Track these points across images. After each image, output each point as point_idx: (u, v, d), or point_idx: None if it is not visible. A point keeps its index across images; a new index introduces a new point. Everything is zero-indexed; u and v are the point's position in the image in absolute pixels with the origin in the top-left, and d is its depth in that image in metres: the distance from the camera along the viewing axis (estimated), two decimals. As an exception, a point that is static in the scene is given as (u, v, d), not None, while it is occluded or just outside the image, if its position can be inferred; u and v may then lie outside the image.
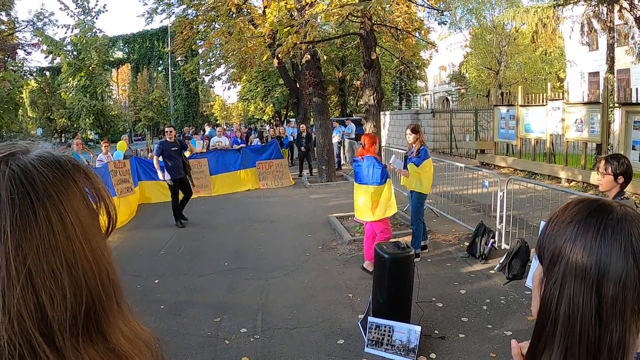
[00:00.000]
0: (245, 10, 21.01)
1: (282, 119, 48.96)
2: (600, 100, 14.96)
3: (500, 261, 8.13)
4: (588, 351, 1.00)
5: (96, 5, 31.35)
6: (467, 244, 9.22)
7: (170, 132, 12.68)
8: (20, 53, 38.16)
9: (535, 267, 1.21)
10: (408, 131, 9.08)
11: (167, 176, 12.32)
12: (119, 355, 0.74)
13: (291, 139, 25.03)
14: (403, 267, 5.87)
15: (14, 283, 0.63)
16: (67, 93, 30.93)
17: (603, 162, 4.69)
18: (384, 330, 5.47)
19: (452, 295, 7.29)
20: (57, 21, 40.96)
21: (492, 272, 8.11)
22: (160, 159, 12.16)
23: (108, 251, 0.78)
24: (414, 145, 8.96)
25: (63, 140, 40.41)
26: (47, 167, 0.72)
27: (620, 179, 4.56)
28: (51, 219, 0.67)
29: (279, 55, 11.31)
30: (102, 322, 0.72)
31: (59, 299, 0.66)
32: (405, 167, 9.17)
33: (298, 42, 10.26)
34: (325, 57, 20.34)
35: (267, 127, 37.92)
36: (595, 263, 1.01)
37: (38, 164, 0.71)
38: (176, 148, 12.43)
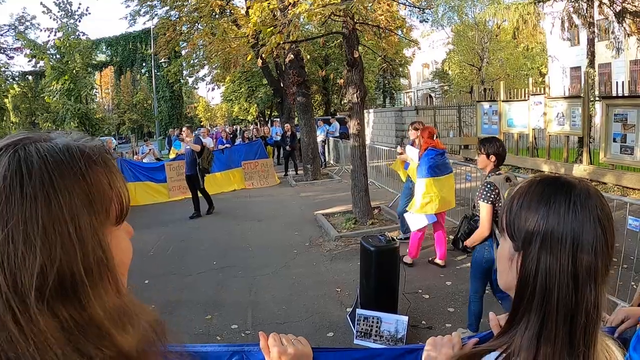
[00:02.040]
0: (229, 11, 21.04)
1: (267, 119, 48.93)
2: (581, 94, 15.15)
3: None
4: (565, 314, 1.11)
5: (79, 8, 31.10)
6: (451, 237, 9.35)
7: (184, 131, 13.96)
8: (2, 57, 37.90)
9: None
10: (411, 129, 9.29)
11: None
12: (98, 326, 0.82)
13: (276, 138, 25.10)
14: (389, 259, 5.98)
15: None
16: (51, 97, 30.70)
17: (478, 143, 5.74)
18: (372, 322, 5.58)
19: (438, 286, 7.43)
20: (39, 25, 40.47)
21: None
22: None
23: (106, 235, 0.87)
24: (416, 141, 9.08)
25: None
26: (52, 154, 0.82)
27: (492, 158, 5.43)
28: (37, 197, 0.77)
29: (263, 56, 11.38)
30: (82, 295, 0.80)
31: (29, 263, 0.75)
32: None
33: (281, 42, 10.33)
34: (308, 57, 20.41)
35: (251, 127, 37.91)
36: (570, 236, 1.12)
37: (44, 150, 0.82)
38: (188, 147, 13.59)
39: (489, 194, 5.15)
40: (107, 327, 0.83)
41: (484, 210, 5.17)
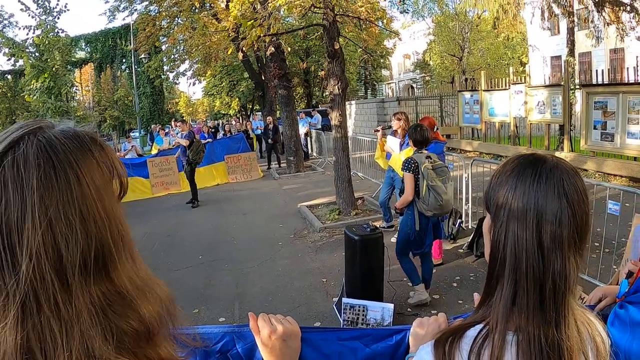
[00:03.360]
0: (209, 4, 20.96)
1: (248, 113, 48.86)
2: (562, 83, 15.30)
3: (468, 240, 8.36)
4: (534, 281, 1.18)
5: (57, 4, 30.83)
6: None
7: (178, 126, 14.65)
8: (-22, 57, 37.45)
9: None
10: (394, 119, 9.26)
11: None
12: (123, 296, 0.87)
13: (258, 132, 25.09)
14: (373, 248, 6.04)
15: (37, 229, 0.77)
16: (31, 95, 30.43)
17: None
18: (358, 310, 5.62)
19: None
20: (17, 23, 40.08)
21: (461, 250, 8.35)
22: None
23: (120, 211, 0.92)
24: (398, 131, 9.08)
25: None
26: (68, 138, 0.86)
27: (411, 143, 6.50)
28: (70, 179, 0.82)
29: (244, 49, 11.37)
30: (110, 267, 0.86)
31: (73, 243, 0.80)
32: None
33: (262, 35, 10.34)
34: (289, 49, 20.38)
35: (233, 121, 37.80)
36: (534, 206, 1.19)
37: (61, 136, 0.86)
38: None
39: (409, 166, 6.20)
40: (132, 296, 0.88)
41: (407, 179, 6.19)
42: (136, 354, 0.86)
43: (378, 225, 7.05)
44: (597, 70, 14.67)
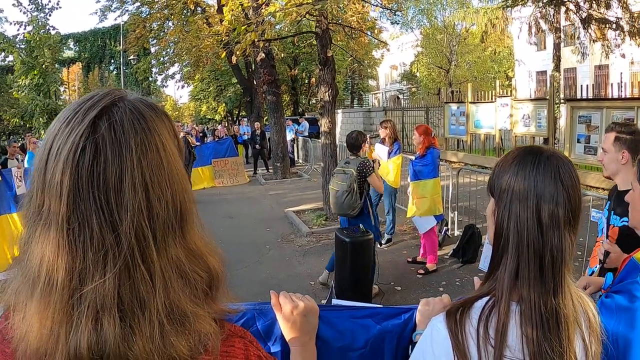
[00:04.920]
0: (201, 8, 21.06)
1: (235, 118, 48.81)
2: (547, 97, 15.56)
3: (454, 247, 8.52)
4: (535, 254, 1.34)
5: (49, 1, 30.78)
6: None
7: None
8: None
9: (486, 247, 1.53)
10: (381, 127, 9.40)
11: None
12: (196, 253, 0.97)
13: (245, 137, 25.16)
14: (363, 251, 6.16)
15: (137, 188, 0.87)
16: (20, 92, 30.26)
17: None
18: (347, 311, 5.74)
19: (410, 279, 7.64)
20: (6, 18, 39.74)
21: (447, 257, 8.50)
22: None
23: (186, 177, 1.01)
24: (386, 139, 9.21)
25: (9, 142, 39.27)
26: (148, 107, 0.96)
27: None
28: (157, 144, 0.92)
29: (237, 53, 11.49)
30: (185, 226, 0.96)
31: (164, 202, 0.90)
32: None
33: (256, 40, 10.47)
34: (282, 55, 20.51)
35: (219, 126, 37.77)
36: (534, 189, 1.36)
37: (143, 105, 0.96)
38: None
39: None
40: (203, 251, 0.99)
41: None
42: (204, 305, 0.96)
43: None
44: (581, 86, 14.96)
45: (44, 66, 29.44)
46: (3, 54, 30.94)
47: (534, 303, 1.31)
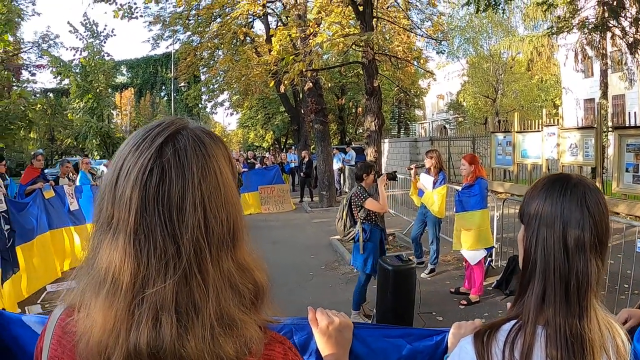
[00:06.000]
0: (250, 38, 21.41)
1: (282, 146, 49.22)
2: (595, 125, 15.39)
3: (498, 278, 8.48)
4: (561, 279, 1.42)
5: (104, 29, 31.84)
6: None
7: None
8: (25, 74, 38.36)
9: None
10: (427, 157, 9.49)
11: None
12: (245, 267, 1.10)
13: (292, 165, 25.37)
14: (406, 279, 6.21)
15: (197, 207, 1.00)
16: (75, 114, 31.15)
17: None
18: (388, 339, 5.77)
19: (452, 309, 7.62)
20: (62, 43, 41.10)
21: (490, 288, 8.45)
22: None
23: (239, 199, 1.15)
24: (431, 169, 9.31)
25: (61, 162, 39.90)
26: (207, 135, 1.10)
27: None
28: (215, 169, 1.05)
29: (285, 82, 11.69)
30: (236, 244, 1.09)
31: (219, 221, 1.03)
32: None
33: (304, 70, 10.66)
34: (329, 85, 20.68)
35: (267, 154, 38.18)
36: (560, 215, 1.44)
37: (202, 133, 1.10)
38: None
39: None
40: (251, 266, 1.12)
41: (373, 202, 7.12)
42: (250, 314, 1.08)
43: (410, 256, 7.19)
44: (630, 113, 14.76)
45: (98, 90, 30.35)
46: (60, 77, 31.96)
47: (559, 327, 1.38)
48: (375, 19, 11.67)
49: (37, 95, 39.97)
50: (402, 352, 1.92)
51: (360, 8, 10.61)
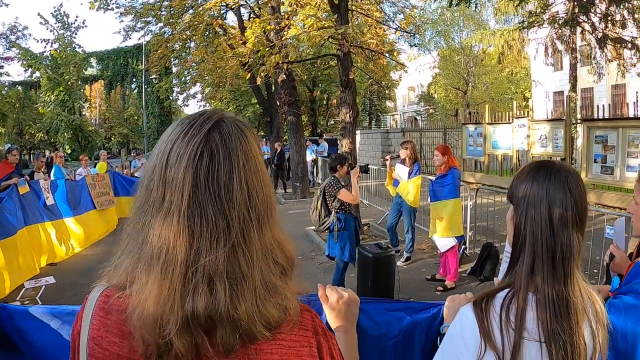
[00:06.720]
0: (222, 29, 21.28)
1: (254, 138, 48.92)
2: (564, 117, 15.69)
3: (472, 265, 8.67)
4: (547, 251, 1.60)
5: (76, 20, 31.45)
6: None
7: None
8: (-6, 66, 37.68)
9: (504, 266, 1.80)
10: (402, 148, 9.62)
11: None
12: (278, 241, 1.22)
13: (265, 157, 25.33)
14: (385, 266, 6.36)
15: (243, 187, 1.12)
16: (45, 107, 30.74)
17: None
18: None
19: (429, 295, 7.75)
20: (30, 35, 40.48)
21: (465, 275, 8.64)
22: None
23: (269, 180, 1.27)
24: (406, 160, 9.47)
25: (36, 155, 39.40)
26: (243, 124, 1.22)
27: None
28: (254, 153, 1.18)
29: (261, 74, 11.72)
30: (271, 220, 1.21)
31: (261, 199, 1.16)
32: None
33: (280, 62, 10.72)
34: (305, 77, 20.72)
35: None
36: (546, 196, 1.63)
37: (238, 121, 1.22)
38: None
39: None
40: (283, 240, 1.24)
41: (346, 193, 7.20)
42: (285, 283, 1.20)
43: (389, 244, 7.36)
44: (598, 106, 15.12)
45: (69, 83, 29.92)
46: (30, 70, 31.46)
47: (547, 292, 1.56)
48: (349, 12, 11.75)
49: (6, 88, 39.29)
50: (403, 324, 2.08)
51: (336, 1, 10.71)
